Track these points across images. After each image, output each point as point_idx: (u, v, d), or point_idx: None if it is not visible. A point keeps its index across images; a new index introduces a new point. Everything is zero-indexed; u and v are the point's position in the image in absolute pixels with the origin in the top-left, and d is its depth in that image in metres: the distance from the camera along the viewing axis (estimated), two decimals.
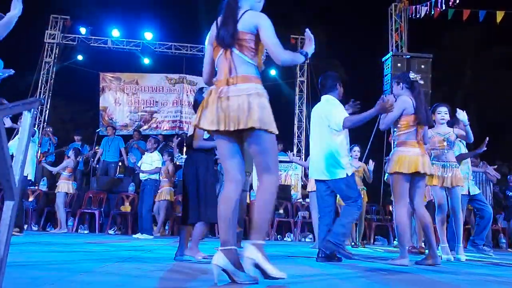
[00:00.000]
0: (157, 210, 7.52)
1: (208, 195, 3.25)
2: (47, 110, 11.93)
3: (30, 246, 3.98)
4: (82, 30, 12.01)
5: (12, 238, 1.33)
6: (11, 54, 3.27)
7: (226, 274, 1.96)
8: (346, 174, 3.58)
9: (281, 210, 8.44)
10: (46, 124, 11.39)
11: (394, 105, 3.50)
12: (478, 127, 5.08)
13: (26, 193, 7.43)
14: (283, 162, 9.34)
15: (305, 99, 12.82)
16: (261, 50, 2.15)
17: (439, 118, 4.41)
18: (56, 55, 12.01)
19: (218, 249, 1.99)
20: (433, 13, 9.88)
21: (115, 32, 12.00)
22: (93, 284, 1.84)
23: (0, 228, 1.29)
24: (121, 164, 9.92)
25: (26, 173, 5.57)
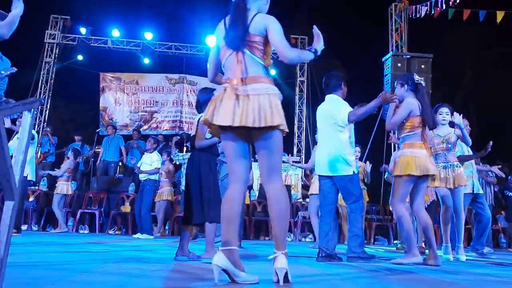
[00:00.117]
0: (157, 210, 7.52)
1: (211, 195, 3.23)
2: (47, 110, 11.92)
3: (30, 246, 3.98)
4: (82, 30, 12.00)
5: (12, 238, 1.33)
6: (11, 54, 3.26)
7: (226, 275, 1.97)
8: (353, 172, 3.62)
9: None
10: (46, 124, 11.39)
11: (400, 106, 3.53)
12: (478, 127, 5.09)
13: (26, 193, 7.42)
14: (284, 162, 9.34)
15: (305, 99, 12.82)
16: (269, 52, 2.19)
17: (441, 119, 4.41)
18: (56, 55, 12.01)
19: (219, 249, 1.99)
20: (433, 13, 9.87)
21: (115, 32, 11.99)
22: (93, 284, 1.84)
23: (0, 228, 1.29)
24: (121, 164, 9.92)
25: (25, 173, 5.57)
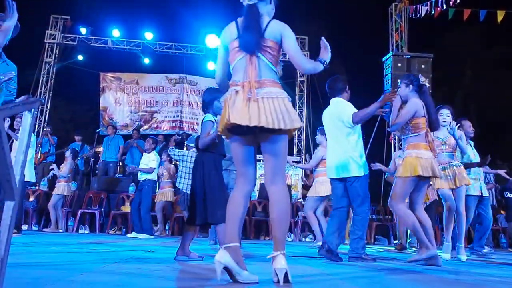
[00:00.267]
0: (157, 210, 7.52)
1: (216, 196, 3.22)
2: (48, 110, 11.93)
3: (30, 246, 3.98)
4: (83, 30, 12.01)
5: (12, 238, 1.33)
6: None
7: (227, 273, 1.98)
8: (363, 173, 3.65)
9: None
10: (47, 124, 11.40)
11: (405, 107, 3.53)
12: (478, 127, 5.07)
13: (25, 194, 7.41)
14: None
15: (305, 99, 12.82)
16: (279, 60, 2.25)
17: (441, 120, 4.41)
18: (56, 55, 12.02)
19: (223, 246, 2.02)
20: (433, 12, 9.87)
21: (115, 32, 12.00)
22: (93, 284, 1.84)
23: (0, 228, 1.29)
24: (121, 164, 9.92)
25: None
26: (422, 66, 8.74)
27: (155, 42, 12.16)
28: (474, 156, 4.94)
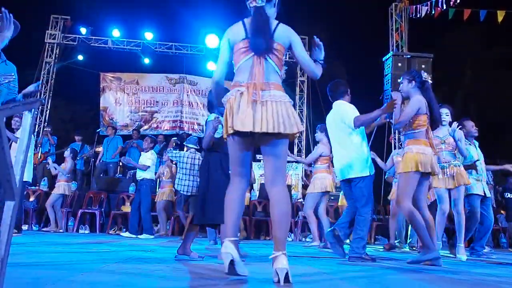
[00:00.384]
0: (158, 210, 7.52)
1: (222, 196, 3.22)
2: (48, 110, 11.94)
3: (30, 246, 3.98)
4: (83, 30, 12.01)
5: (12, 238, 1.33)
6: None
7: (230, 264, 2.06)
8: (369, 173, 3.68)
9: None
10: (47, 124, 11.40)
11: (408, 103, 3.54)
12: (478, 127, 5.06)
13: (24, 193, 7.41)
14: (288, 162, 9.37)
15: (305, 99, 12.83)
16: (283, 64, 2.29)
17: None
18: (56, 55, 12.03)
19: (227, 239, 2.08)
20: (433, 12, 9.87)
21: (116, 32, 12.00)
22: (93, 284, 1.84)
23: (0, 228, 1.29)
24: (121, 164, 9.92)
25: None
26: (422, 66, 8.73)
27: (155, 42, 12.17)
28: (477, 156, 4.93)
